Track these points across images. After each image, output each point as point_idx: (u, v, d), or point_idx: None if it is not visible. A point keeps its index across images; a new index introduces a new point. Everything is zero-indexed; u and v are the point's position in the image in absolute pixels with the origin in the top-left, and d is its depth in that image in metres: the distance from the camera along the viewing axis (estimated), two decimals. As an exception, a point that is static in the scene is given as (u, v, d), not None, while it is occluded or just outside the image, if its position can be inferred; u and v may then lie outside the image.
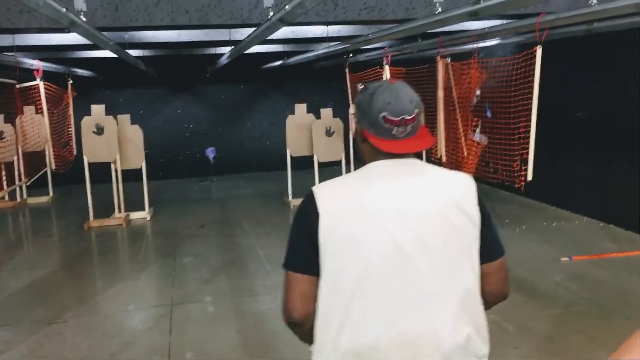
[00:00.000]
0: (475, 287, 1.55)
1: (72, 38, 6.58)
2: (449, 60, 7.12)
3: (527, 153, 5.91)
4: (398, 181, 1.54)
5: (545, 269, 5.47)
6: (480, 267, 1.57)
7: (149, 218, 8.39)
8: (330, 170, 8.77)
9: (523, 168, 6.02)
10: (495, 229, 1.63)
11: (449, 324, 1.49)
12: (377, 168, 1.57)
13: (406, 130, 1.54)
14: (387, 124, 1.52)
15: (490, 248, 1.60)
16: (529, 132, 5.86)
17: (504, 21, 6.05)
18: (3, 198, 9.30)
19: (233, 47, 7.08)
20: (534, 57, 5.66)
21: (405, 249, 1.47)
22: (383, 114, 1.51)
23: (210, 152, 11.97)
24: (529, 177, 5.95)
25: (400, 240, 1.47)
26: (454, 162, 7.14)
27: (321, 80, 12.58)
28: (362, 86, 1.62)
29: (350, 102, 10.75)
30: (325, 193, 1.55)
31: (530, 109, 5.78)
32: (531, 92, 5.73)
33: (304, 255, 1.53)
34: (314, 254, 1.51)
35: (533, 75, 5.69)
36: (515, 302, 4.36)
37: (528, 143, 5.90)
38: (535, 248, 6.14)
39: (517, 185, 6.17)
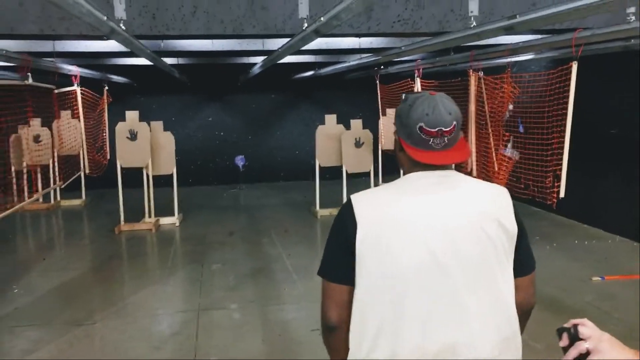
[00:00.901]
0: (510, 298, 1.55)
1: (110, 45, 6.73)
2: (482, 74, 7.07)
3: (560, 169, 5.82)
4: (435, 192, 1.54)
5: (576, 287, 5.36)
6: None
7: (178, 224, 8.49)
8: (359, 181, 8.78)
9: (555, 184, 5.92)
10: (529, 243, 1.63)
11: (484, 334, 1.49)
12: (414, 179, 1.58)
13: (443, 142, 1.54)
14: (424, 135, 1.53)
15: (523, 262, 1.61)
16: (562, 148, 5.77)
17: (539, 36, 5.99)
18: (37, 200, 9.50)
19: (266, 57, 7.15)
20: (569, 72, 5.58)
21: (441, 260, 1.47)
22: (420, 124, 1.52)
23: (239, 160, 12.07)
24: (562, 194, 5.84)
25: (437, 251, 1.47)
26: (485, 177, 7.06)
27: (351, 91, 12.60)
28: (404, 97, 1.63)
29: (381, 114, 10.75)
30: (363, 202, 1.57)
31: (563, 125, 5.69)
32: (565, 108, 5.65)
33: (339, 264, 1.55)
34: (349, 264, 1.52)
35: (567, 91, 5.61)
36: (544, 320, 4.27)
37: (561, 159, 5.80)
38: (566, 266, 6.03)
39: (549, 202, 6.07)
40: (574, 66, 5.47)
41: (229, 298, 5.32)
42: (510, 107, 6.75)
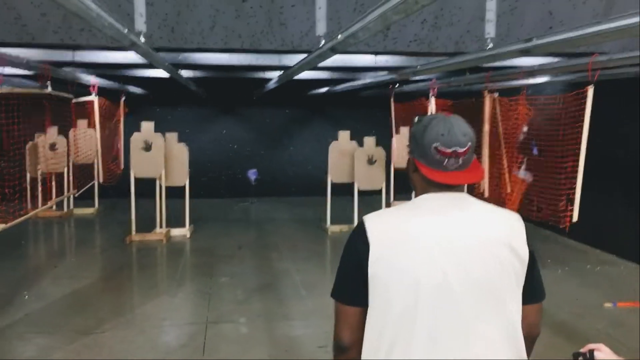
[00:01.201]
0: (517, 324, 1.55)
1: (128, 57, 6.82)
2: (497, 95, 7.07)
3: (574, 193, 5.79)
4: (448, 214, 1.55)
5: (587, 313, 5.30)
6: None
7: (188, 235, 8.52)
8: (370, 199, 8.78)
9: (569, 208, 5.88)
10: (540, 271, 1.63)
11: (490, 358, 1.49)
12: (427, 200, 1.59)
13: (458, 163, 1.55)
14: (439, 155, 1.54)
15: (533, 290, 1.60)
16: (576, 171, 5.75)
17: (556, 59, 6.00)
18: (51, 207, 9.59)
19: (282, 72, 7.20)
20: (585, 96, 5.57)
21: (452, 282, 1.48)
22: (435, 144, 1.54)
23: (251, 174, 12.11)
24: (575, 218, 5.81)
25: (448, 272, 1.48)
26: (497, 198, 7.03)
27: (365, 108, 12.63)
28: (417, 119, 1.65)
29: (394, 132, 10.75)
30: (375, 223, 1.57)
31: (578, 149, 5.67)
32: (580, 132, 5.63)
33: (352, 286, 1.56)
34: (362, 286, 1.53)
35: (583, 114, 5.60)
36: (554, 345, 4.23)
37: (575, 183, 5.77)
38: (577, 291, 5.96)
39: (562, 226, 6.03)
40: (590, 90, 5.46)
41: (236, 312, 5.32)
42: (525, 129, 6.74)
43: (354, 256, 1.55)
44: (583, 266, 6.97)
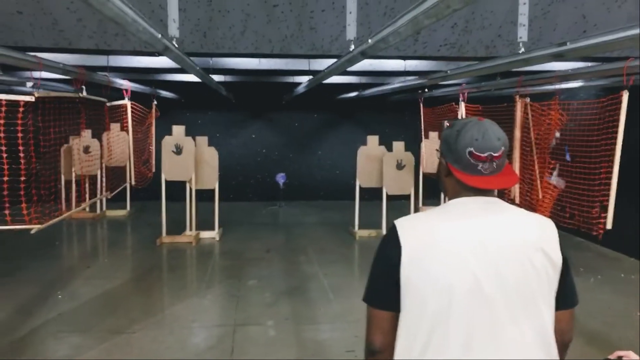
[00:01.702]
0: (550, 329, 1.54)
1: (160, 61, 6.95)
2: (529, 100, 6.98)
3: (607, 200, 5.67)
4: (481, 218, 1.55)
5: (620, 322, 5.19)
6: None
7: (218, 238, 8.59)
8: (399, 203, 8.75)
9: (602, 215, 5.76)
10: (573, 277, 1.62)
11: None
12: (459, 204, 1.60)
13: (492, 167, 1.56)
14: (473, 160, 1.55)
15: (566, 295, 1.60)
16: (610, 178, 5.63)
17: (589, 63, 5.90)
18: (84, 209, 9.78)
19: (311, 76, 7.24)
20: (620, 101, 5.46)
21: (484, 286, 1.48)
22: (469, 149, 1.55)
23: (280, 178, 12.17)
24: (608, 226, 5.68)
25: (480, 276, 1.48)
26: (528, 204, 6.93)
27: (394, 113, 12.61)
28: (448, 123, 1.65)
29: (423, 137, 10.70)
30: (407, 227, 1.58)
31: (612, 155, 5.56)
32: (614, 138, 5.52)
33: (383, 290, 1.57)
34: (393, 290, 1.53)
35: (617, 120, 5.49)
36: (587, 354, 4.15)
37: (609, 190, 5.65)
38: (610, 300, 5.84)
39: (594, 233, 5.91)
40: (625, 95, 5.35)
41: (264, 314, 5.34)
42: (557, 134, 6.63)
43: (386, 260, 1.56)
44: (616, 274, 6.82)
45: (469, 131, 1.56)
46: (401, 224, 1.59)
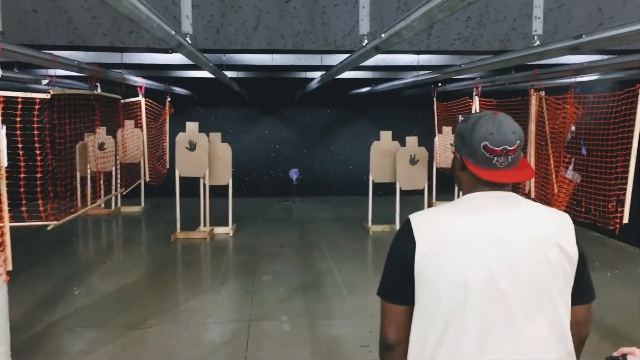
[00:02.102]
0: (567, 324, 1.53)
1: (174, 58, 6.99)
2: (543, 93, 6.91)
3: (624, 194, 5.61)
4: (495, 212, 1.54)
5: (637, 318, 5.13)
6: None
7: (231, 234, 8.63)
8: (412, 198, 8.73)
9: (619, 210, 5.70)
10: (590, 272, 1.61)
11: (539, 355, 1.48)
12: (474, 199, 1.58)
13: (507, 161, 1.55)
14: (488, 154, 1.54)
15: (583, 291, 1.59)
16: (626, 172, 5.57)
17: (605, 56, 5.83)
18: (100, 206, 9.87)
19: (324, 72, 7.22)
20: (636, 94, 5.39)
21: (499, 280, 1.47)
22: (484, 143, 1.53)
23: (293, 174, 12.18)
24: (625, 220, 5.63)
25: (495, 271, 1.47)
26: (543, 199, 6.87)
27: (407, 108, 12.56)
28: (463, 118, 1.64)
29: (437, 131, 10.65)
30: (422, 221, 1.57)
31: (629, 149, 5.50)
32: (631, 131, 5.46)
33: (398, 285, 1.56)
34: (408, 284, 1.53)
35: (634, 113, 5.42)
36: (603, 350, 4.10)
37: (625, 184, 5.60)
38: (627, 295, 5.78)
39: (611, 228, 5.85)
40: (642, 88, 5.29)
41: (279, 310, 5.36)
42: (573, 128, 6.56)
43: (401, 254, 1.55)
44: (633, 269, 6.75)
45: (483, 125, 1.55)
46: (415, 218, 1.58)
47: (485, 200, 1.56)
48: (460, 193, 1.68)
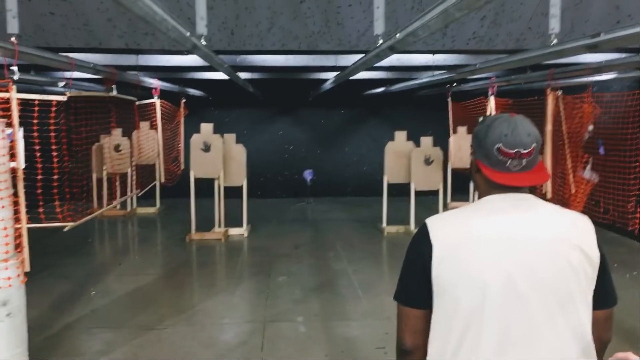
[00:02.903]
0: (588, 328, 1.50)
1: (188, 60, 7.01)
2: (560, 93, 6.84)
3: (643, 194, 5.54)
4: (513, 215, 1.52)
5: (658, 320, 5.06)
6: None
7: (246, 235, 8.64)
8: (427, 199, 8.69)
9: (638, 210, 5.63)
10: (611, 276, 1.58)
11: (559, 357, 1.45)
12: (490, 202, 1.56)
13: (521, 164, 1.51)
14: (502, 156, 1.51)
15: (605, 294, 1.56)
16: (646, 172, 5.50)
17: (623, 55, 5.75)
18: (115, 207, 9.94)
19: (338, 72, 7.21)
20: (655, 93, 5.32)
21: (518, 283, 1.44)
22: (498, 145, 1.51)
23: (307, 174, 12.18)
24: (644, 220, 5.56)
25: (514, 274, 1.45)
26: (561, 199, 6.80)
27: (421, 108, 12.49)
28: (482, 119, 1.62)
29: (452, 132, 10.59)
30: (438, 225, 1.56)
31: (648, 148, 5.43)
32: (650, 130, 5.39)
33: (415, 288, 1.55)
34: (425, 288, 1.52)
35: (653, 112, 5.35)
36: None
37: (644, 184, 5.53)
38: (647, 297, 5.70)
39: (630, 228, 5.78)
40: (661, 87, 5.21)
41: (294, 311, 5.35)
42: (590, 127, 6.49)
43: (417, 259, 1.54)
44: (653, 271, 6.65)
45: (498, 127, 1.52)
46: (432, 222, 1.57)
47: (502, 203, 1.54)
48: (477, 195, 1.66)
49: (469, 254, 1.47)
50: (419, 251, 1.53)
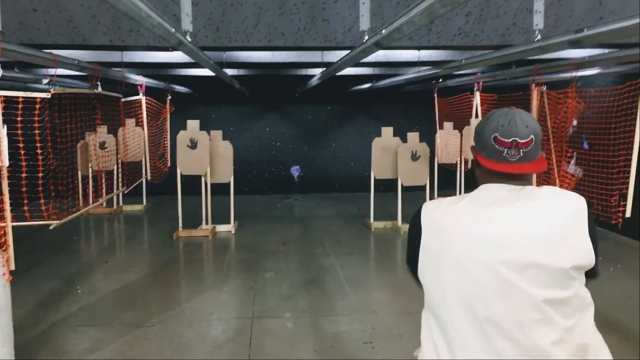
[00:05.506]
0: (586, 307, 1.54)
1: (174, 56, 6.97)
2: (545, 88, 6.90)
3: (627, 188, 5.61)
4: (506, 205, 1.53)
5: (641, 312, 5.13)
6: None
7: (233, 231, 8.63)
8: (414, 195, 8.71)
9: (621, 204, 5.70)
10: (598, 257, 1.58)
11: (551, 346, 1.47)
12: (487, 191, 1.59)
13: (518, 154, 1.54)
14: (498, 145, 1.55)
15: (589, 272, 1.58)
16: (629, 166, 5.56)
17: (606, 50, 5.81)
18: (101, 205, 9.87)
19: (325, 68, 7.21)
20: (637, 88, 5.39)
21: (507, 271, 1.46)
22: (494, 134, 1.55)
23: (295, 171, 12.18)
24: (627, 214, 5.63)
25: (503, 261, 1.47)
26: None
27: (408, 104, 12.55)
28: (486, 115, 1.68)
29: (438, 127, 10.64)
30: (430, 210, 1.62)
31: (631, 142, 5.49)
32: (633, 125, 5.45)
33: (413, 257, 1.65)
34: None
35: (635, 107, 5.41)
36: (609, 346, 4.10)
37: (627, 178, 5.59)
38: (631, 289, 5.77)
39: (614, 222, 5.85)
40: (643, 81, 5.28)
41: (282, 307, 5.36)
42: (574, 122, 6.56)
43: (413, 239, 1.64)
44: (636, 263, 6.74)
45: (496, 118, 1.58)
46: (426, 207, 1.65)
47: (498, 194, 1.56)
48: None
49: (456, 244, 1.51)
50: (414, 233, 1.63)
